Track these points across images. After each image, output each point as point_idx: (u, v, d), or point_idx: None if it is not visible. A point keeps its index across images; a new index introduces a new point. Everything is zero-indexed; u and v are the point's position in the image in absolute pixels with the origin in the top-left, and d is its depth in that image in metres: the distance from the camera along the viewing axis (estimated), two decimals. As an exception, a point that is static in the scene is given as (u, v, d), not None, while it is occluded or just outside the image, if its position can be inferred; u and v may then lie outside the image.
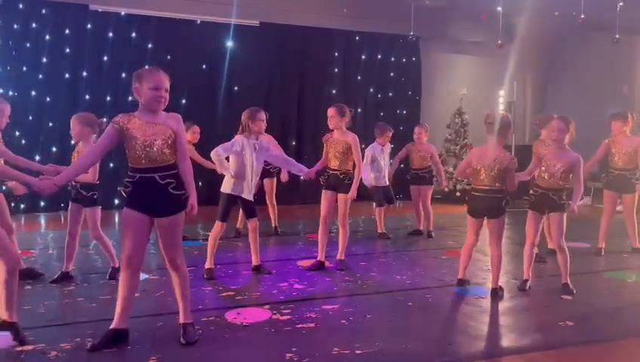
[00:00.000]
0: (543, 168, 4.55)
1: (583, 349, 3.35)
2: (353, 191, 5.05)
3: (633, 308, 4.23)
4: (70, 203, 4.68)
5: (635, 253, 6.06)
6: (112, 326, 3.23)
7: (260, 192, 6.98)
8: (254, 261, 5.05)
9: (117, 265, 4.80)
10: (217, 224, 4.86)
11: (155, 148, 3.14)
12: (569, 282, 4.55)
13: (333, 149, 5.11)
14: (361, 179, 5.19)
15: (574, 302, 4.29)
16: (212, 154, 4.71)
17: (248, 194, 4.86)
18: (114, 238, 5.65)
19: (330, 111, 5.05)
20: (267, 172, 6.74)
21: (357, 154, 5.09)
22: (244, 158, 4.77)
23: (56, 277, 4.64)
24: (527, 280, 4.62)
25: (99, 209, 4.67)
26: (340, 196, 5.12)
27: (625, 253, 6.11)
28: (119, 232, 6.74)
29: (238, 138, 4.81)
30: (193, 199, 3.28)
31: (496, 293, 4.33)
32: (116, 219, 8.05)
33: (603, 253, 5.97)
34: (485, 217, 4.37)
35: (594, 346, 3.41)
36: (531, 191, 4.64)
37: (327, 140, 5.20)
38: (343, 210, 5.14)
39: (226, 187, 4.82)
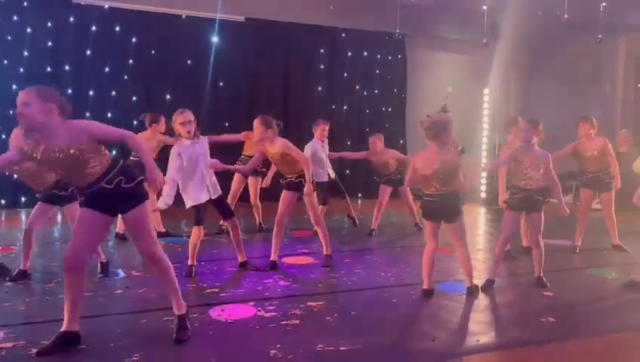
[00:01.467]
0: (518, 170, 4.56)
1: (564, 345, 3.40)
2: (308, 187, 4.92)
3: (614, 304, 4.30)
4: (40, 202, 4.53)
5: (614, 249, 6.15)
6: (62, 329, 3.12)
7: (245, 191, 6.95)
8: (240, 258, 5.03)
9: (104, 260, 4.77)
10: (194, 229, 4.79)
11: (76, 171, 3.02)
12: (542, 276, 4.65)
13: (273, 158, 5.05)
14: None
15: (555, 299, 4.34)
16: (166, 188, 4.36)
17: (212, 195, 4.75)
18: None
19: (255, 123, 4.90)
20: (254, 171, 6.68)
21: (295, 153, 4.94)
22: (187, 164, 4.59)
23: (14, 274, 4.51)
24: (492, 281, 4.57)
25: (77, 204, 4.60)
26: (305, 199, 5.08)
27: (605, 249, 6.20)
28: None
29: (172, 149, 4.64)
30: (149, 172, 3.11)
31: (472, 292, 4.35)
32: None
33: (578, 251, 6.05)
34: (442, 221, 4.27)
35: (575, 342, 3.45)
36: (511, 192, 4.67)
37: (262, 150, 5.05)
38: (312, 211, 5.11)
39: (188, 202, 4.69)
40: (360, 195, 10.71)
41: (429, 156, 4.17)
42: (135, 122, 8.66)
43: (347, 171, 10.48)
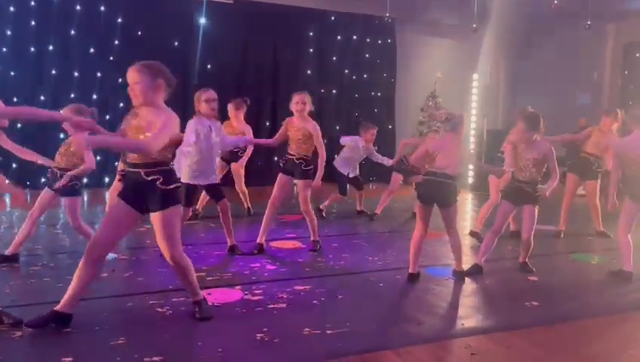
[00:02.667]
0: (519, 162, 4.59)
1: (548, 328, 3.44)
2: (318, 179, 5.02)
3: (597, 288, 4.36)
4: (46, 189, 4.46)
5: (599, 236, 6.23)
6: (56, 307, 3.11)
7: (228, 175, 6.88)
8: (229, 242, 5.02)
9: None
10: (183, 209, 4.69)
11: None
12: (527, 261, 4.72)
13: (293, 134, 5.06)
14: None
15: (540, 283, 4.39)
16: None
17: (210, 180, 4.74)
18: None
19: (300, 97, 5.00)
20: (235, 155, 6.63)
21: (320, 142, 5.05)
22: (200, 142, 4.60)
23: None
24: (479, 267, 4.60)
25: (79, 199, 4.49)
26: (298, 183, 5.07)
27: (589, 235, 6.28)
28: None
29: (190, 122, 4.65)
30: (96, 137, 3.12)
31: (459, 276, 4.39)
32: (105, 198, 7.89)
33: (562, 236, 6.12)
34: (436, 205, 4.31)
35: (559, 325, 3.50)
36: (509, 183, 4.71)
37: (287, 123, 5.12)
38: (302, 197, 5.08)
39: (186, 176, 4.61)
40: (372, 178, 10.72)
41: (445, 144, 4.34)
42: (121, 104, 8.56)
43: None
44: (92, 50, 8.98)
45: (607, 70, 11.38)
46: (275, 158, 9.75)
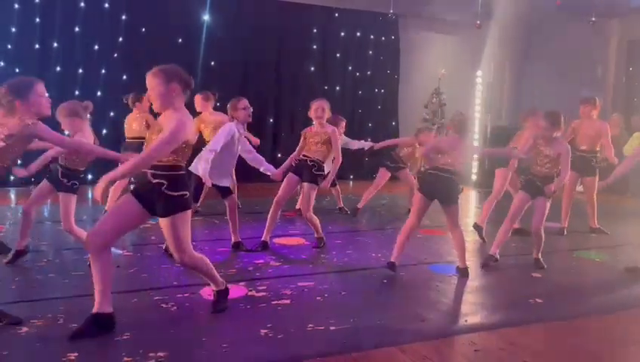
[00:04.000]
0: (537, 157, 4.65)
1: (552, 325, 3.44)
2: (328, 182, 5.13)
3: (601, 285, 4.36)
4: (45, 180, 4.34)
5: (593, 232, 6.21)
6: (94, 310, 3.04)
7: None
8: (234, 238, 5.03)
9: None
10: None
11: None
12: (540, 258, 4.73)
13: (310, 139, 5.11)
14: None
15: (544, 280, 4.39)
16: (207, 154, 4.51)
17: (223, 183, 4.80)
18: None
19: (319, 104, 5.07)
20: None
21: (337, 146, 5.11)
22: (231, 146, 4.70)
23: (10, 258, 4.35)
24: (494, 257, 4.68)
25: (74, 198, 4.25)
26: (304, 185, 5.08)
27: (593, 232, 6.26)
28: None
29: (230, 124, 4.77)
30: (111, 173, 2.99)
31: (463, 273, 4.40)
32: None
33: (566, 233, 6.10)
34: (438, 201, 4.34)
35: (563, 322, 3.50)
36: (525, 175, 4.76)
37: (306, 133, 5.18)
38: (307, 202, 5.05)
39: (200, 172, 4.52)
40: (352, 177, 10.71)
41: (453, 143, 4.36)
42: (125, 101, 8.58)
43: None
44: (96, 47, 8.98)
45: (612, 66, 11.33)
46: (279, 155, 9.75)
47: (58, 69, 8.80)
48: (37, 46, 8.69)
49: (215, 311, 3.41)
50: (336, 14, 10.89)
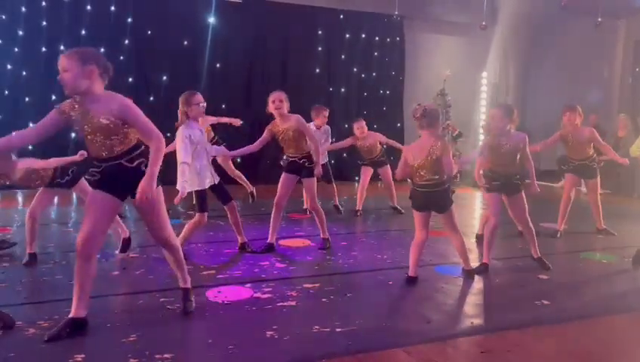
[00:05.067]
0: (495, 156, 4.57)
1: (559, 327, 3.43)
2: (318, 169, 5.02)
3: (607, 287, 4.33)
4: (43, 188, 4.54)
5: (600, 234, 6.15)
6: (70, 315, 3.06)
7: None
8: (240, 239, 5.03)
9: (127, 235, 4.84)
10: (199, 215, 4.65)
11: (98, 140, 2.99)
12: (542, 257, 4.71)
13: (283, 136, 4.99)
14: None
15: (550, 282, 4.37)
16: (180, 168, 4.36)
17: (215, 180, 4.70)
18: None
19: (276, 96, 4.98)
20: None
21: (308, 131, 5.02)
22: (195, 148, 4.48)
23: (26, 260, 4.46)
24: (486, 265, 4.58)
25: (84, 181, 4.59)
26: (305, 181, 5.07)
27: (599, 233, 6.22)
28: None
29: (181, 130, 4.47)
30: (148, 181, 2.96)
31: (468, 275, 4.37)
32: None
33: (559, 236, 5.98)
34: (432, 211, 4.25)
35: (569, 324, 3.48)
36: (491, 178, 4.64)
37: (271, 127, 5.04)
38: (311, 195, 5.07)
39: (193, 186, 4.52)
40: (357, 179, 10.68)
41: (419, 146, 4.15)
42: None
43: (344, 154, 10.44)
44: (102, 49, 8.99)
45: (618, 67, 11.29)
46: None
47: (64, 71, 8.85)
48: (43, 49, 8.75)
49: (185, 313, 3.40)
50: (342, 16, 10.91)
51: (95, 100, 2.99)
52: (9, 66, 8.45)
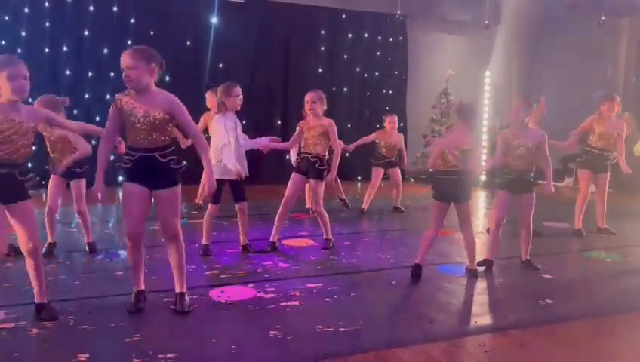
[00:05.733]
0: (510, 150, 4.56)
1: (563, 326, 3.42)
2: (332, 174, 5.02)
3: (612, 286, 4.32)
4: (53, 176, 4.68)
5: (602, 233, 6.14)
6: (136, 289, 3.49)
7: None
8: (242, 240, 5.03)
9: (92, 240, 4.88)
10: (212, 206, 4.79)
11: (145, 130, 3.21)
12: (530, 259, 4.70)
13: (308, 133, 5.03)
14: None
15: (554, 281, 4.36)
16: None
17: (245, 172, 4.71)
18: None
19: (310, 96, 4.96)
20: None
21: (335, 137, 5.03)
22: (228, 137, 4.60)
23: (44, 250, 4.46)
24: (489, 261, 4.61)
25: (84, 181, 4.74)
26: (311, 182, 5.07)
27: (603, 232, 6.20)
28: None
29: (217, 117, 4.69)
30: (210, 177, 3.38)
31: (472, 274, 4.37)
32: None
33: (585, 234, 6.02)
34: (452, 202, 4.31)
35: (573, 323, 3.48)
36: (503, 172, 4.65)
37: (302, 125, 5.10)
38: (317, 197, 5.05)
39: (216, 172, 4.45)
40: (360, 178, 10.69)
41: (454, 136, 4.33)
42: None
43: (347, 154, 10.44)
44: (105, 50, 9.05)
45: (622, 66, 11.24)
46: (287, 157, 9.76)
47: (67, 72, 8.88)
48: (47, 50, 8.77)
49: (181, 313, 3.45)
50: (344, 15, 10.91)
51: (150, 95, 3.24)
52: (13, 67, 8.48)
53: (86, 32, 8.99)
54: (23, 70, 3.14)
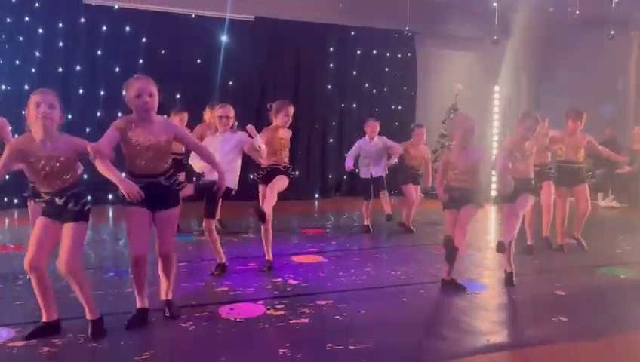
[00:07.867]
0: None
1: (576, 344, 3.36)
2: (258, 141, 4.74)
3: (625, 303, 4.25)
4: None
5: (543, 240, 6.01)
6: (139, 306, 3.54)
7: None
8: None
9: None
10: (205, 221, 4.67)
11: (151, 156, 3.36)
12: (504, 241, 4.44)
13: (280, 143, 4.98)
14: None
15: (567, 298, 4.30)
16: None
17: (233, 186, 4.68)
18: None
19: (291, 110, 5.10)
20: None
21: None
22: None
23: None
24: (511, 273, 4.60)
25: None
26: (271, 188, 4.82)
27: (618, 248, 6.12)
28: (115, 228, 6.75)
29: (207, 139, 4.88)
30: (223, 179, 3.75)
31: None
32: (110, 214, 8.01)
33: (565, 251, 5.86)
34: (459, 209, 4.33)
35: (587, 341, 3.42)
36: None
37: (273, 131, 5.02)
38: (271, 201, 4.79)
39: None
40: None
41: (467, 154, 4.34)
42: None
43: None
44: (117, 69, 9.17)
45: (633, 79, 11.19)
46: (297, 173, 9.79)
47: (81, 91, 9.00)
48: (60, 69, 8.91)
49: (172, 317, 3.64)
50: (353, 33, 10.99)
51: (154, 121, 3.39)
52: (26, 87, 8.60)
53: (99, 52, 9.12)
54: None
